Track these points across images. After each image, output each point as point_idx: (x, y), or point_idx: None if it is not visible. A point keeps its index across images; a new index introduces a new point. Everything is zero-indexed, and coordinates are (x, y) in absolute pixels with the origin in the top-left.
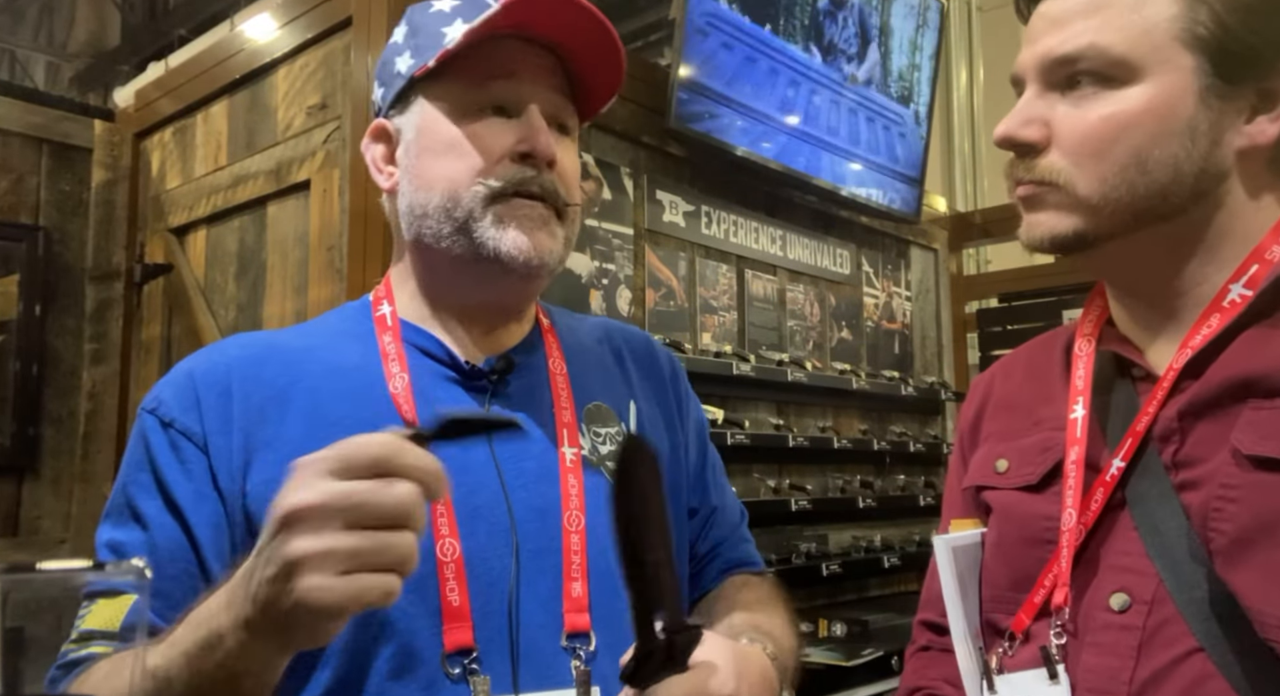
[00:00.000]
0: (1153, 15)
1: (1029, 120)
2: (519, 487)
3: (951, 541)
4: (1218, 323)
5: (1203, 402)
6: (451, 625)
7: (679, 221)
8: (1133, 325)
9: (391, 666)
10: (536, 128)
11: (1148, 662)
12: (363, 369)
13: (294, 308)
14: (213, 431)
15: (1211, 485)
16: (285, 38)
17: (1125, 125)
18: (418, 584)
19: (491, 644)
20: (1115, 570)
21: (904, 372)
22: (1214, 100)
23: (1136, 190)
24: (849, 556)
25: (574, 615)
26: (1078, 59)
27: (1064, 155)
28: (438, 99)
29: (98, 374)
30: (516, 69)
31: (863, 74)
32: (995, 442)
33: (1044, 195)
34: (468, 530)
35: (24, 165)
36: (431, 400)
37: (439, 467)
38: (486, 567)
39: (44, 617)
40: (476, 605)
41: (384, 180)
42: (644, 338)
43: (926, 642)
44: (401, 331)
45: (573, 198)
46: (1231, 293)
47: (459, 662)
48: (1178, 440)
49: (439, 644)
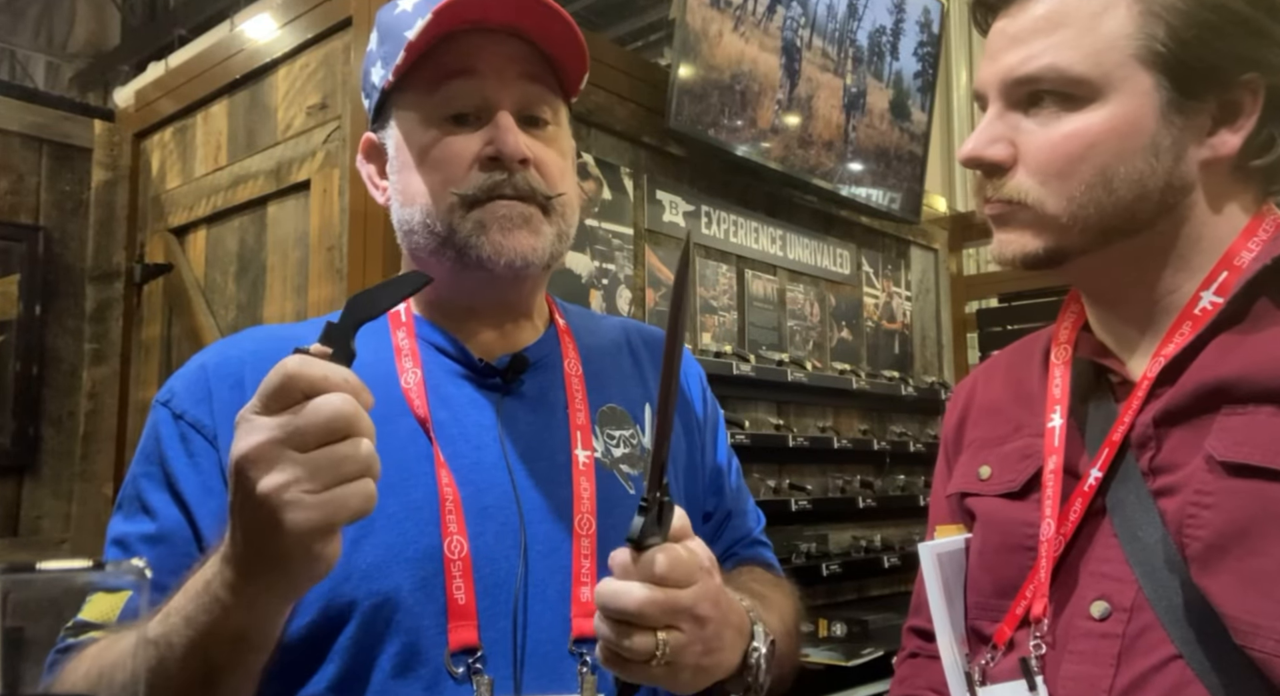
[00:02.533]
0: (1110, 34)
1: (994, 139)
2: (529, 488)
3: (936, 548)
4: (1190, 330)
5: (1177, 409)
6: (457, 623)
7: (679, 221)
8: (1108, 332)
9: (396, 663)
10: (503, 128)
11: (1127, 670)
12: (375, 364)
13: (294, 308)
14: (223, 424)
15: (1187, 491)
16: (285, 38)
17: (1089, 144)
18: (424, 581)
19: (497, 645)
20: (1095, 577)
21: (904, 372)
22: (1175, 116)
23: (1104, 208)
24: (849, 556)
25: (582, 620)
26: (1038, 79)
27: (1030, 174)
28: (406, 110)
29: (98, 374)
30: (474, 65)
31: (864, 72)
32: (978, 449)
33: (1013, 213)
34: (476, 529)
35: (24, 165)
36: (444, 397)
37: (344, 373)
38: (494, 567)
39: (44, 617)
40: (483, 604)
41: (380, 196)
42: (661, 337)
43: (915, 649)
44: (416, 328)
45: (555, 189)
46: (1203, 300)
47: (463, 661)
48: (1154, 447)
49: (444, 642)
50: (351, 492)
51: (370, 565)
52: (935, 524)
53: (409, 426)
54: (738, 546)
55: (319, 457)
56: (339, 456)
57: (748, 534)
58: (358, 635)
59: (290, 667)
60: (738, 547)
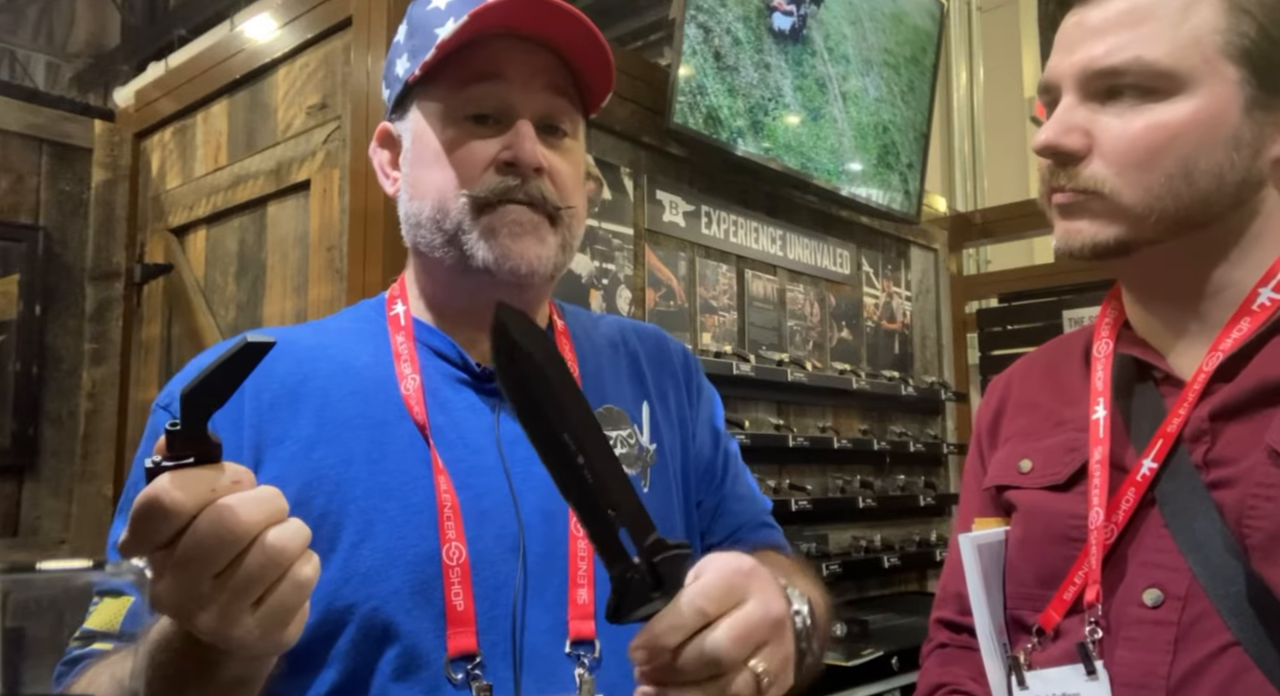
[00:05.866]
0: (1198, 27)
1: (1070, 128)
2: (527, 492)
3: (976, 539)
4: (1249, 326)
5: (1235, 404)
6: (455, 629)
7: (679, 221)
8: (1153, 329)
9: (394, 668)
10: (522, 135)
11: (1184, 656)
12: (374, 368)
13: (294, 307)
14: (221, 428)
15: (1247, 483)
16: (285, 38)
17: (1172, 135)
18: (422, 587)
19: (496, 649)
20: (1147, 567)
21: (904, 372)
22: (1258, 111)
23: (1182, 199)
24: (849, 556)
25: (579, 622)
26: (1123, 72)
27: (1108, 164)
28: (428, 105)
29: (98, 374)
30: (502, 70)
31: (867, 72)
32: (1018, 443)
33: (1085, 203)
34: (475, 534)
35: (24, 165)
36: (442, 401)
37: (206, 485)
38: (493, 572)
39: (44, 617)
40: (481, 609)
41: (389, 185)
42: (655, 333)
43: (945, 640)
44: (415, 331)
45: (567, 201)
46: (1261, 296)
47: (462, 668)
48: (1209, 441)
49: (443, 648)
50: (284, 594)
51: (370, 568)
52: (969, 516)
53: (408, 431)
54: (742, 531)
55: (234, 583)
56: (249, 575)
57: (752, 518)
58: (357, 639)
59: (293, 672)
60: (742, 532)
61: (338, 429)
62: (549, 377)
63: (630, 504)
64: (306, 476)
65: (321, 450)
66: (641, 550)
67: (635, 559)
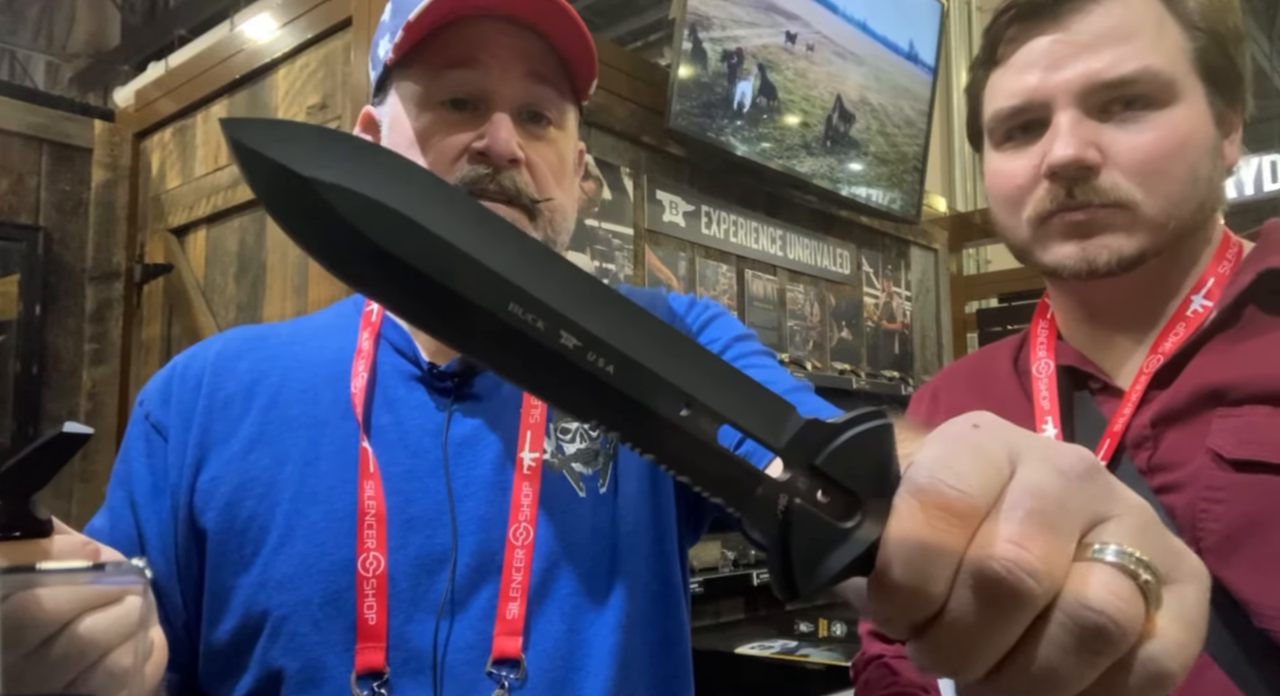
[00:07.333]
0: (1173, 42)
1: (1087, 142)
2: (467, 497)
3: None
4: (1184, 331)
5: (1174, 410)
6: (364, 644)
7: (679, 221)
8: (1090, 339)
9: (300, 679)
10: (496, 125)
11: None
12: (333, 365)
13: (294, 307)
14: (174, 426)
15: (1195, 487)
16: (285, 38)
17: (1181, 140)
18: (334, 598)
19: (407, 666)
20: None
21: (904, 373)
22: (1219, 123)
23: (1191, 206)
24: None
25: (505, 638)
26: (1134, 81)
27: (1127, 176)
28: (405, 89)
29: (98, 374)
30: (479, 54)
31: (866, 72)
32: None
33: (1108, 218)
34: (398, 542)
35: (24, 165)
36: (391, 400)
37: None
38: (412, 584)
39: None
40: (395, 624)
41: None
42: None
43: (879, 651)
44: (381, 326)
45: (544, 193)
46: (1193, 303)
47: (368, 685)
48: (1150, 446)
49: (350, 663)
50: (96, 684)
51: (284, 575)
52: None
53: (347, 432)
54: None
55: (43, 667)
56: (55, 662)
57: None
58: (267, 646)
59: (218, 673)
60: None
61: (279, 429)
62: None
63: (714, 376)
64: (240, 478)
65: (260, 451)
66: (781, 450)
67: (776, 471)
